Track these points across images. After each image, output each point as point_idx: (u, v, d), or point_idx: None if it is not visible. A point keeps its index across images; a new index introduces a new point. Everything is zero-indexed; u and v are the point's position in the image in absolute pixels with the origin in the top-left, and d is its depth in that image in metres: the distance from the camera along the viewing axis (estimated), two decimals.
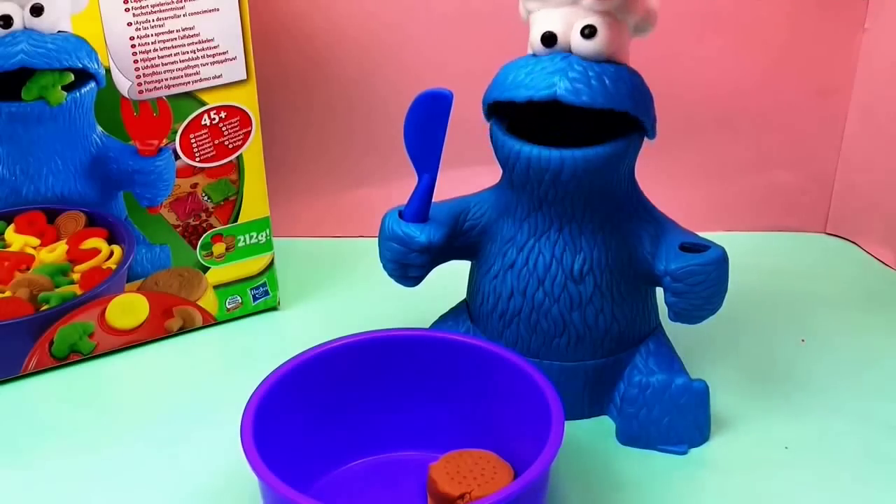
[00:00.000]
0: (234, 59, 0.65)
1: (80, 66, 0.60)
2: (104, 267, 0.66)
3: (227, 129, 0.66)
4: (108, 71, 0.61)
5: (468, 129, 0.60)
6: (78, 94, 0.61)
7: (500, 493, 0.45)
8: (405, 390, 0.55)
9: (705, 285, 0.55)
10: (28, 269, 0.64)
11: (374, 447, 0.55)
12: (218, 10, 0.63)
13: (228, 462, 0.58)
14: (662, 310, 0.58)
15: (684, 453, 0.58)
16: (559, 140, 0.54)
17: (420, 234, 0.56)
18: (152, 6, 0.61)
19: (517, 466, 0.52)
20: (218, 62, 0.64)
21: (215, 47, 0.64)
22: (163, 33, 0.62)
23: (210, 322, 0.71)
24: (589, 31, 0.52)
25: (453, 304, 0.63)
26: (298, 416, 0.53)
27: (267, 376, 0.52)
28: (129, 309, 0.68)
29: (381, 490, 0.54)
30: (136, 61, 0.62)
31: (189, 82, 0.64)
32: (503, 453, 0.53)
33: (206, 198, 0.68)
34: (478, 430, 0.55)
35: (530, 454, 0.47)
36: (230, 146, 0.67)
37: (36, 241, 0.64)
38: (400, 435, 0.54)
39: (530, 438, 0.50)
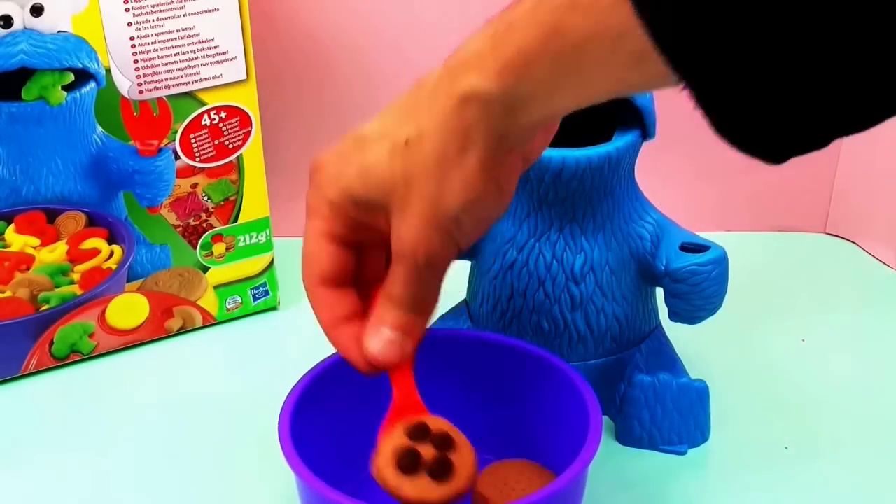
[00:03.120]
0: (234, 59, 0.65)
1: (80, 66, 0.60)
2: (104, 267, 0.66)
3: (227, 129, 0.66)
4: (108, 71, 0.61)
5: None
6: (78, 94, 0.61)
7: (541, 492, 0.44)
8: (441, 389, 0.54)
9: (705, 285, 0.55)
10: (28, 269, 0.64)
11: None
12: (218, 10, 0.63)
13: (228, 461, 0.58)
14: (662, 310, 0.58)
15: (684, 453, 0.58)
16: (559, 140, 0.54)
17: None
18: (152, 6, 0.61)
19: (551, 467, 0.52)
20: (218, 62, 0.64)
21: (215, 47, 0.64)
22: (163, 33, 0.62)
23: (210, 322, 0.71)
24: None
25: (453, 304, 0.63)
26: (334, 415, 0.51)
27: (305, 374, 0.51)
28: (129, 309, 0.68)
29: None
30: (136, 61, 0.62)
31: (189, 82, 0.64)
32: (537, 454, 0.53)
33: (206, 198, 0.68)
34: (512, 430, 0.54)
35: (565, 453, 0.46)
36: (230, 146, 0.67)
37: (36, 241, 0.64)
38: None
39: (565, 437, 0.49)
